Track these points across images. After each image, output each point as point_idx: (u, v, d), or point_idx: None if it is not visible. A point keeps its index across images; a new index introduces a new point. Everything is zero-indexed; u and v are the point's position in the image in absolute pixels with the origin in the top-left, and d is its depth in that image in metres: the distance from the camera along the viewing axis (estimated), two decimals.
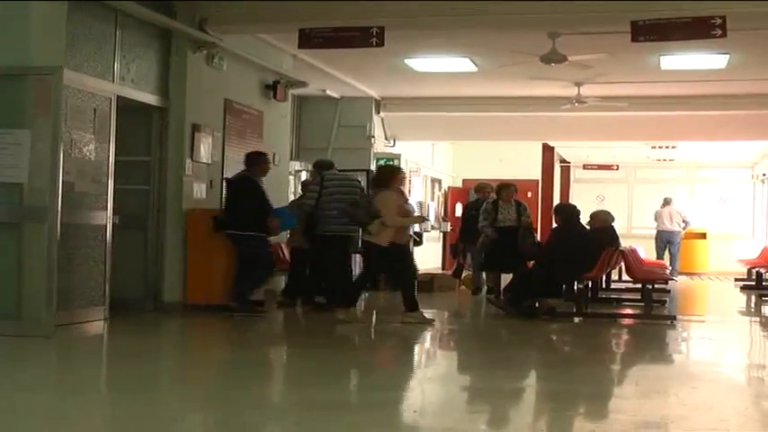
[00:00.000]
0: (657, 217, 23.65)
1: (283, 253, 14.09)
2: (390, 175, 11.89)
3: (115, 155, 10.79)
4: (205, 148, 12.41)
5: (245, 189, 11.98)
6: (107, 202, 10.72)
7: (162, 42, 12.00)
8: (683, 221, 23.60)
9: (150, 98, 11.79)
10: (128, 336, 10.24)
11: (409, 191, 18.70)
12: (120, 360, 8.82)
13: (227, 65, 12.91)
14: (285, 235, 13.70)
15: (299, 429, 5.82)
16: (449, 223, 22.82)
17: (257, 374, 8.25)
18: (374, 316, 12.74)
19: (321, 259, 12.64)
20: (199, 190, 12.36)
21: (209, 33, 12.23)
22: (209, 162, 12.55)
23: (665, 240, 23.21)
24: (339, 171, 13.11)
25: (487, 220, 14.79)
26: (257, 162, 12.24)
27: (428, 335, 11.13)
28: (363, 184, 14.40)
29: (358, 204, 11.83)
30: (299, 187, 15.55)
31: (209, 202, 12.54)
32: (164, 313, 11.71)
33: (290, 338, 11.23)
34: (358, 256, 13.11)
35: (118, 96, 10.91)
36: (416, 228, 17.77)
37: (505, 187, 15.13)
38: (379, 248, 11.30)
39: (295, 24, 11.91)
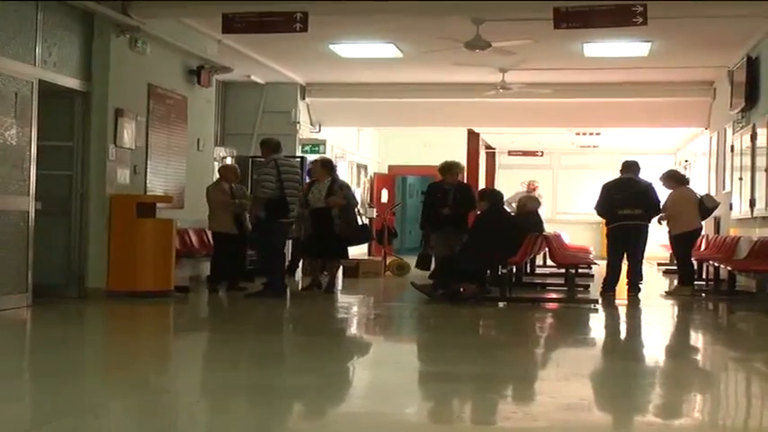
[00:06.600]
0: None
1: (207, 238, 14.05)
2: None
3: (37, 140, 10.69)
4: (128, 134, 12.31)
5: None
6: (29, 187, 10.62)
7: (85, 26, 11.88)
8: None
9: (73, 82, 11.67)
10: (51, 323, 10.15)
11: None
12: (42, 347, 8.73)
13: (151, 49, 12.82)
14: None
15: (224, 412, 5.80)
16: (375, 209, 22.85)
17: (181, 360, 8.25)
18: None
19: (270, 244, 12.66)
20: (122, 175, 12.25)
21: (131, 17, 12.12)
22: (133, 147, 12.45)
23: None
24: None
25: (299, 200, 13.39)
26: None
27: (355, 320, 11.13)
28: None
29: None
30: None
31: (133, 188, 12.44)
32: (87, 300, 11.63)
33: (214, 324, 11.18)
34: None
35: (40, 80, 10.79)
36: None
37: (315, 163, 14.28)
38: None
39: (218, 9, 11.86)
